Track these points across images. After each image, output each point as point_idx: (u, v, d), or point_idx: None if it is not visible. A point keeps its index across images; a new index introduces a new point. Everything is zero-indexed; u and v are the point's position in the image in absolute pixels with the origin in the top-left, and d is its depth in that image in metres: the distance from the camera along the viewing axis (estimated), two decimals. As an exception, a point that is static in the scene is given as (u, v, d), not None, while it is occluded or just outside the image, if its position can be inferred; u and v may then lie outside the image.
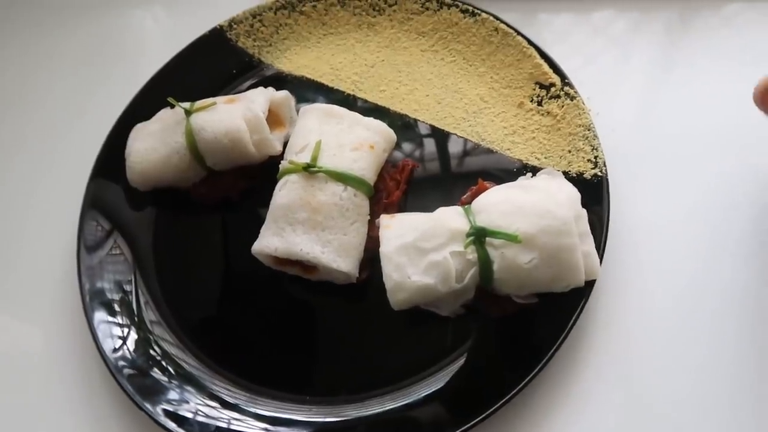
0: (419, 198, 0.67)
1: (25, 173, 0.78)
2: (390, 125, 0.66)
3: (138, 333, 0.62)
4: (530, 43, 0.70)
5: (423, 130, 0.71)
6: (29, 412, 0.63)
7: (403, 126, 0.71)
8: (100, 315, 0.62)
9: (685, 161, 0.66)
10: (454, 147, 0.69)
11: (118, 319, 0.63)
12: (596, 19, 0.78)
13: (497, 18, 0.72)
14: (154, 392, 0.58)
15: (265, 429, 0.56)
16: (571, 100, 0.66)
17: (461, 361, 0.57)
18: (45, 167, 0.78)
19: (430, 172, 0.69)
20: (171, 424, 0.56)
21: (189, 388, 0.59)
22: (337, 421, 0.56)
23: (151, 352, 0.61)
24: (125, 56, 0.86)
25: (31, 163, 0.79)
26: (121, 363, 0.60)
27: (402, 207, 0.65)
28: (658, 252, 0.61)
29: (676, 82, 0.72)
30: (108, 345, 0.61)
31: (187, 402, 0.58)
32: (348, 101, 0.74)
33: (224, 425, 0.56)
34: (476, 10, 0.73)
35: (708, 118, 0.68)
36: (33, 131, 0.81)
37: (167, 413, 0.57)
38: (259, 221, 0.63)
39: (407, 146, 0.70)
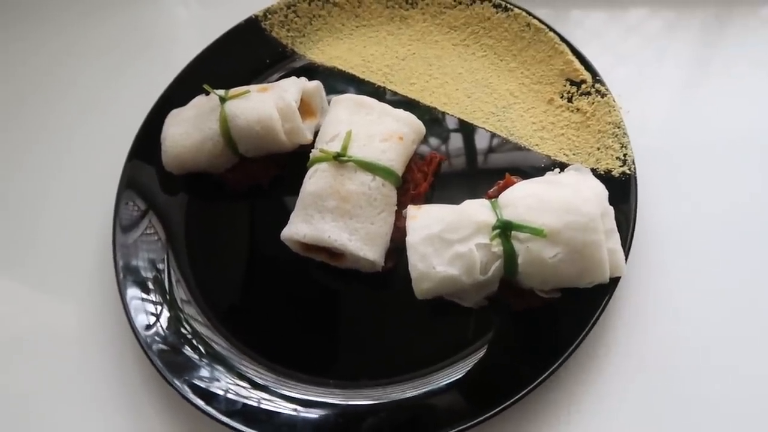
0: (446, 190, 0.68)
1: (62, 154, 0.81)
2: (419, 118, 0.67)
3: (170, 311, 0.64)
4: (562, 39, 0.70)
5: (452, 123, 0.72)
6: (64, 385, 0.65)
7: (432, 119, 0.72)
8: (133, 292, 0.65)
9: (717, 164, 0.66)
10: (483, 141, 0.70)
11: (151, 297, 0.65)
12: (630, 18, 0.77)
13: (530, 14, 0.73)
14: (184, 369, 0.60)
15: (294, 409, 0.57)
16: (602, 98, 0.66)
17: (482, 353, 0.58)
18: (82, 149, 0.81)
19: (457, 165, 0.69)
20: (199, 401, 0.58)
21: (218, 366, 0.61)
22: (359, 405, 0.57)
23: (182, 330, 0.63)
24: (161, 44, 0.89)
25: (69, 144, 0.81)
26: (153, 339, 0.62)
27: (429, 199, 0.66)
28: (684, 253, 0.61)
29: (710, 83, 0.72)
30: (140, 321, 0.63)
31: (216, 380, 0.60)
32: (378, 93, 0.75)
33: (253, 404, 0.58)
34: (509, 5, 0.74)
35: (742, 122, 0.68)
36: (70, 115, 0.84)
37: (195, 390, 0.59)
38: (288, 208, 0.65)
39: (436, 139, 0.71)
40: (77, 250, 0.72)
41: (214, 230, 0.70)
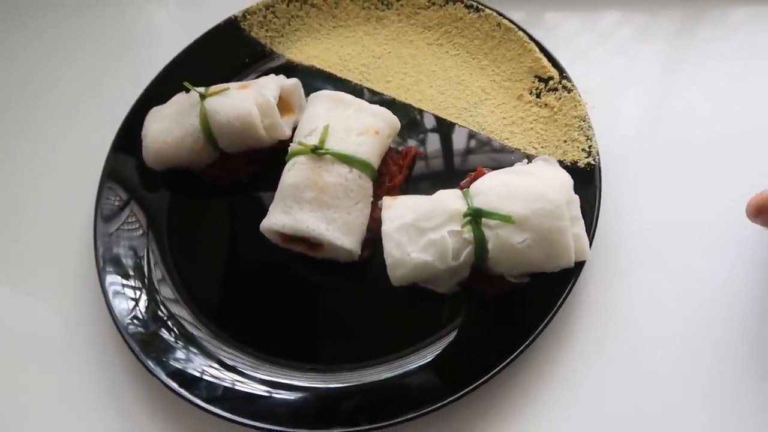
0: (421, 183, 0.70)
1: (45, 152, 0.82)
2: (395, 114, 0.69)
3: (149, 299, 0.66)
4: (531, 38, 0.73)
5: (426, 119, 0.74)
6: (46, 376, 0.67)
7: (407, 115, 0.74)
8: (112, 280, 0.66)
9: (679, 159, 0.68)
10: (456, 136, 0.72)
11: (130, 283, 0.66)
12: (602, 22, 0.81)
13: (500, 14, 0.76)
14: (163, 356, 0.62)
15: (271, 393, 0.59)
16: (568, 93, 0.69)
17: (454, 335, 0.60)
18: (64, 146, 0.82)
19: (431, 158, 0.72)
20: (178, 388, 0.59)
21: (196, 352, 0.62)
22: (336, 387, 0.59)
23: (161, 316, 0.65)
24: (141, 45, 0.90)
25: (52, 141, 0.82)
26: (132, 326, 0.63)
27: (404, 191, 0.69)
28: (645, 239, 0.64)
29: (677, 84, 0.75)
30: (119, 308, 0.64)
31: (195, 366, 0.61)
32: (355, 91, 0.77)
33: (231, 388, 0.60)
34: (480, 6, 0.77)
35: (705, 122, 0.71)
36: (53, 112, 0.85)
37: (175, 376, 0.60)
38: (266, 202, 0.67)
39: (411, 134, 0.74)
40: (59, 243, 0.74)
41: (195, 223, 0.72)
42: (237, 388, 0.60)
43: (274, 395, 0.59)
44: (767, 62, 0.74)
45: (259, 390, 0.60)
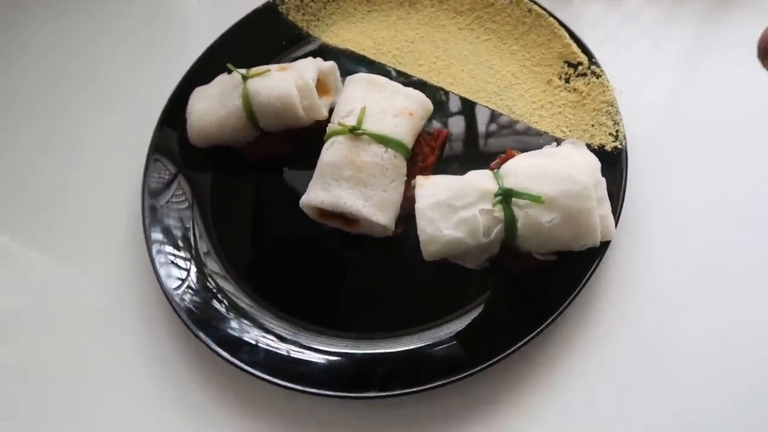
0: (452, 164, 0.73)
1: (90, 133, 0.86)
2: (427, 96, 0.72)
3: (197, 271, 0.70)
4: (561, 24, 0.75)
5: (457, 102, 0.77)
6: (96, 342, 0.71)
7: (439, 98, 0.77)
8: (159, 250, 0.70)
9: (705, 142, 0.70)
10: (486, 119, 0.75)
11: (180, 255, 0.71)
12: (629, 5, 0.82)
13: (532, 0, 0.77)
14: (209, 323, 0.66)
15: (307, 357, 0.63)
16: (597, 78, 0.71)
17: (483, 309, 0.63)
18: (111, 123, 0.86)
19: (462, 140, 0.74)
20: (223, 352, 0.63)
21: (241, 320, 0.66)
22: (370, 354, 0.63)
23: (209, 286, 0.69)
24: (176, 32, 0.94)
25: (97, 124, 0.87)
26: (181, 297, 0.67)
27: (436, 171, 0.71)
28: (670, 222, 0.66)
29: (704, 70, 0.76)
30: (167, 279, 0.68)
31: (239, 332, 0.65)
32: (389, 73, 0.80)
33: (273, 353, 0.64)
34: (512, -8, 0.79)
35: (732, 109, 0.72)
36: (98, 96, 0.89)
37: (220, 342, 0.64)
38: (304, 180, 0.70)
39: (442, 116, 0.76)
40: (108, 216, 0.78)
41: (236, 199, 0.75)
42: (279, 353, 0.64)
43: (313, 360, 0.63)
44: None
45: (299, 355, 0.63)
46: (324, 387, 0.61)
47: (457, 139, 0.74)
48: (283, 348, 0.64)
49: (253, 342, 0.64)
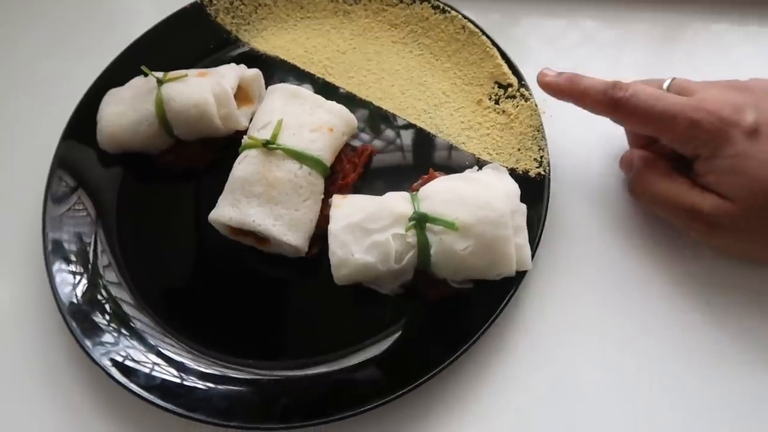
0: (376, 182, 0.70)
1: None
2: (355, 111, 0.69)
3: (92, 284, 0.65)
4: (493, 43, 0.73)
5: (386, 118, 0.74)
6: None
7: (367, 112, 0.74)
8: (59, 266, 0.66)
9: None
10: (413, 137, 0.73)
11: (77, 270, 0.66)
12: (573, 26, 0.81)
13: (465, 17, 0.76)
14: (105, 344, 0.61)
15: (210, 386, 0.60)
16: (525, 101, 0.70)
17: (396, 335, 0.61)
18: (15, 125, 0.81)
19: (387, 158, 0.72)
20: (119, 375, 0.59)
21: (138, 343, 0.62)
22: (275, 382, 0.59)
23: (105, 305, 0.64)
24: (102, 23, 0.89)
25: (5, 120, 0.81)
26: (76, 313, 0.63)
27: (358, 189, 0.69)
28: (588, 253, 0.65)
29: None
30: (64, 293, 0.64)
31: (136, 356, 0.61)
32: (317, 84, 0.77)
33: (170, 379, 0.60)
34: (446, 7, 0.77)
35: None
36: (6, 90, 0.84)
37: (115, 364, 0.60)
38: (220, 191, 0.66)
39: (369, 132, 0.74)
40: (6, 228, 0.73)
41: (147, 211, 0.71)
42: (175, 379, 0.60)
43: (212, 387, 0.59)
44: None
45: (198, 383, 0.60)
46: (221, 416, 0.57)
47: (383, 157, 0.72)
48: (181, 374, 0.60)
49: (150, 366, 0.60)
